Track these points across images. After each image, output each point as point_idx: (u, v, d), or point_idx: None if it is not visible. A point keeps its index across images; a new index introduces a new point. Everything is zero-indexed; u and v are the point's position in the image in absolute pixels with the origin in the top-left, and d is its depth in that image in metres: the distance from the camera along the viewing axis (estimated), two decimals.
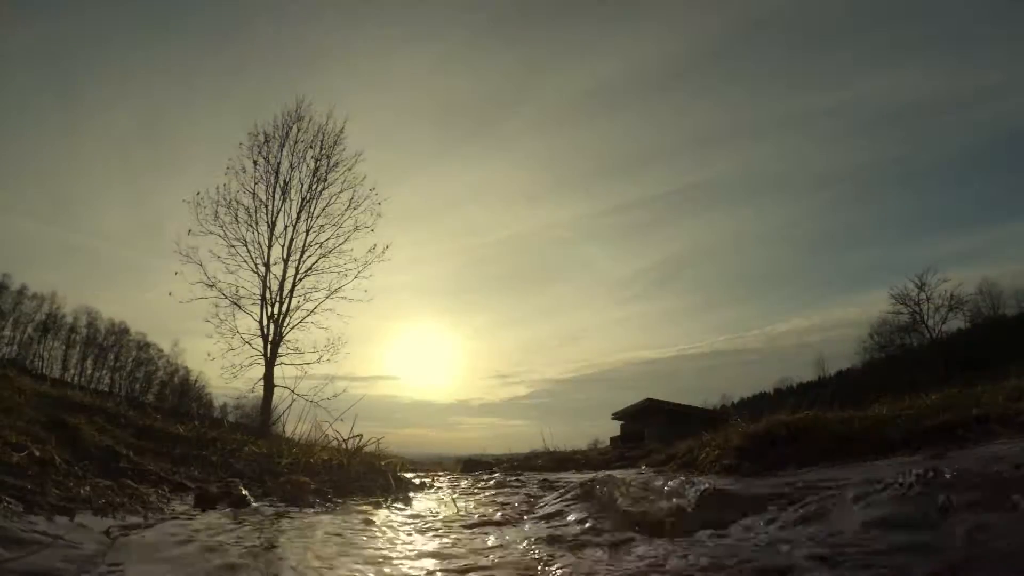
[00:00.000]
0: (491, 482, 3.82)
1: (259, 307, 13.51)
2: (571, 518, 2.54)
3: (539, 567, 1.78)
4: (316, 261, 13.99)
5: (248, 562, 1.71)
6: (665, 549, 1.87)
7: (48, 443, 2.55)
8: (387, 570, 1.76)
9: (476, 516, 2.82)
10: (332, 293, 13.90)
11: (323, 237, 14.08)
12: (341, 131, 14.71)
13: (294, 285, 13.78)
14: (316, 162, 14.38)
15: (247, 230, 13.63)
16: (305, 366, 13.61)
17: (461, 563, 1.85)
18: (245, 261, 13.53)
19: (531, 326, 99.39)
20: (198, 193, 13.57)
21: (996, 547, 1.45)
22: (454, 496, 3.42)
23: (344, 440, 4.49)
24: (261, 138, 14.17)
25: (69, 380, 39.93)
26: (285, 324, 13.60)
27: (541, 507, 2.92)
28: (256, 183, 13.92)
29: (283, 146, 14.26)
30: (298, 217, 14.03)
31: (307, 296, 13.90)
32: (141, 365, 54.13)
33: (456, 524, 2.59)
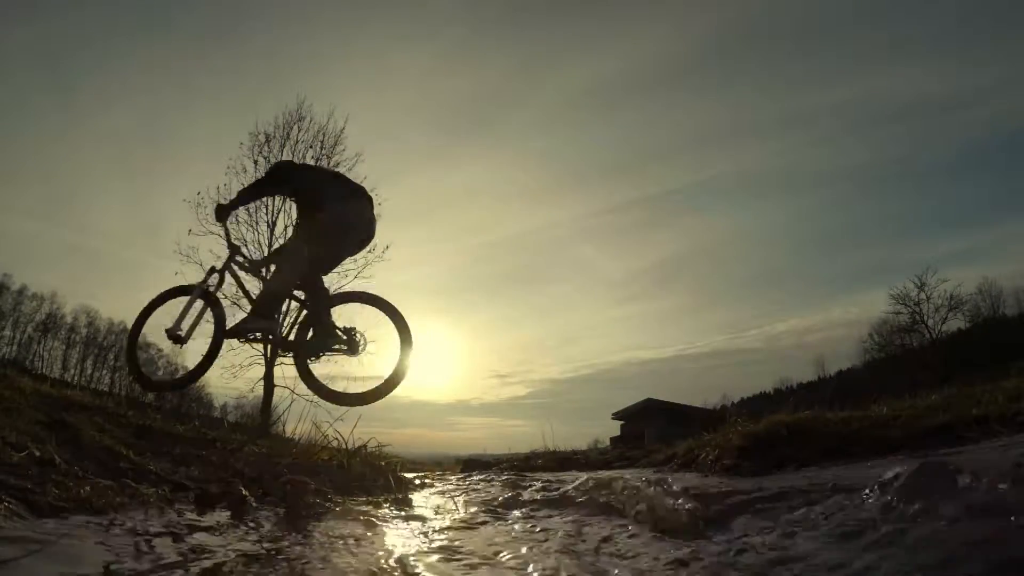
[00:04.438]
0: (490, 482, 3.83)
1: None
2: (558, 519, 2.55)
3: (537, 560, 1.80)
4: None
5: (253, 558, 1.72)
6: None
7: (48, 443, 2.55)
8: (390, 564, 1.77)
9: (475, 514, 2.83)
10: None
11: None
12: (342, 131, 14.74)
13: None
14: (317, 162, 14.41)
15: (247, 230, 13.66)
16: None
17: (462, 557, 1.87)
18: None
19: (531, 326, 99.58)
20: (198, 193, 13.61)
21: None
22: (454, 495, 3.43)
23: (344, 440, 4.49)
24: (262, 138, 14.23)
25: (69, 380, 39.90)
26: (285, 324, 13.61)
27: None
28: None
29: (284, 146, 14.31)
30: None
31: None
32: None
33: (455, 521, 2.62)
